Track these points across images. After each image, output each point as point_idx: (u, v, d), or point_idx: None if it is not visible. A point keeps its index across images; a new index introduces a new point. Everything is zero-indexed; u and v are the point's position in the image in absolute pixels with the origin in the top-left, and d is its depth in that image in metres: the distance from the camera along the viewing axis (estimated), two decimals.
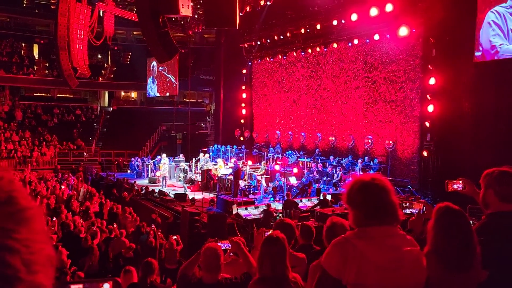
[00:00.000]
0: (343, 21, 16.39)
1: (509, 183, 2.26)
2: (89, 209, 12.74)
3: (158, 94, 32.48)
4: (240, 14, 12.11)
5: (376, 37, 15.86)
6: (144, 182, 18.84)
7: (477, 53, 12.02)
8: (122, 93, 37.15)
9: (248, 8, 18.21)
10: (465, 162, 11.83)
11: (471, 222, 2.20)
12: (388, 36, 15.57)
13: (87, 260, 8.61)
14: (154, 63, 30.83)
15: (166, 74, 31.20)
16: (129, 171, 22.48)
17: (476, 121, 12.62)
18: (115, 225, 10.70)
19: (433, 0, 13.18)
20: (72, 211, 12.48)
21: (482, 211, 2.70)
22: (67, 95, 33.79)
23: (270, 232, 2.98)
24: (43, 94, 33.39)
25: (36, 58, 33.74)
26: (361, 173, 13.88)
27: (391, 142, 15.58)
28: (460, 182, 2.97)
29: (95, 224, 10.53)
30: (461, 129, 12.91)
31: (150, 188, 16.33)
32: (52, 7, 31.16)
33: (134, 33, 34.84)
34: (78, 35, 20.03)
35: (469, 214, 3.52)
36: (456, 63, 13.01)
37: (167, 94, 32.02)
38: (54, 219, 11.06)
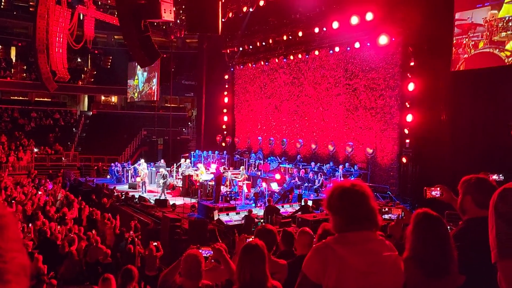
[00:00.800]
0: (324, 29, 16.60)
1: (486, 190, 2.31)
2: (66, 215, 12.49)
3: (141, 94, 32.23)
4: (223, 20, 12.13)
5: (357, 45, 16.11)
6: (124, 187, 18.59)
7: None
8: (103, 98, 36.69)
9: (230, 14, 18.28)
10: (443, 169, 12.07)
11: (448, 228, 2.25)
12: (368, 44, 15.83)
13: (64, 266, 8.43)
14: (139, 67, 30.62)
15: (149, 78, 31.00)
16: (108, 177, 22.15)
17: (453, 128, 12.91)
18: (93, 232, 10.52)
19: (411, 10, 13.46)
20: (49, 218, 12.21)
21: (460, 217, 2.76)
22: (45, 99, 33.16)
23: (250, 239, 2.97)
24: (21, 98, 32.70)
25: (14, 61, 33.04)
26: (342, 179, 14.01)
27: (371, 148, 15.79)
28: (438, 189, 3.03)
29: (73, 230, 10.33)
30: (439, 136, 13.18)
31: (130, 194, 16.11)
32: (31, 9, 30.65)
33: (115, 37, 34.52)
34: (57, 38, 19.71)
35: (447, 220, 3.59)
36: (434, 71, 13.31)
37: (144, 92, 31.82)
38: (30, 225, 10.80)
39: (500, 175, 4.03)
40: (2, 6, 33.77)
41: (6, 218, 0.67)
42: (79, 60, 34.88)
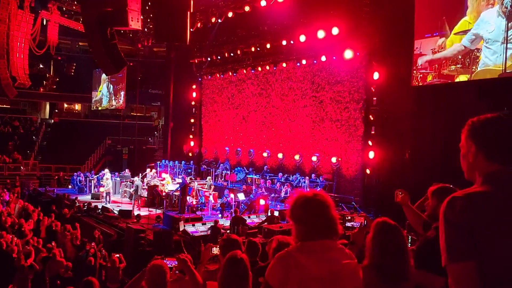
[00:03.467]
0: (292, 42, 16.91)
1: None
2: (22, 226, 11.98)
3: (108, 106, 31.58)
4: (191, 30, 12.13)
5: (323, 58, 16.49)
6: (86, 198, 18.04)
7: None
8: (65, 105, 35.66)
9: (199, 25, 18.30)
10: (404, 179, 12.44)
11: (409, 237, 2.34)
12: (334, 58, 16.24)
13: (16, 280, 8.05)
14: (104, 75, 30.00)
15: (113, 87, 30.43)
16: (70, 187, 21.45)
17: (414, 142, 13.36)
18: (53, 244, 10.13)
19: (375, 26, 13.96)
20: (5, 229, 11.67)
21: (414, 226, 2.89)
22: (4, 106, 31.89)
23: (216, 251, 2.96)
24: None
25: None
26: (308, 189, 14.18)
27: (336, 160, 16.10)
28: (400, 193, 3.20)
29: (30, 242, 9.92)
30: (401, 148, 13.62)
31: (93, 204, 15.66)
32: None
33: (80, 43, 33.77)
34: (18, 43, 19.05)
35: (407, 229, 3.75)
36: (396, 86, 13.79)
37: (114, 107, 31.21)
38: None
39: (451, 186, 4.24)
40: None
41: None
42: (41, 66, 33.82)
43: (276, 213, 12.54)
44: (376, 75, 14.38)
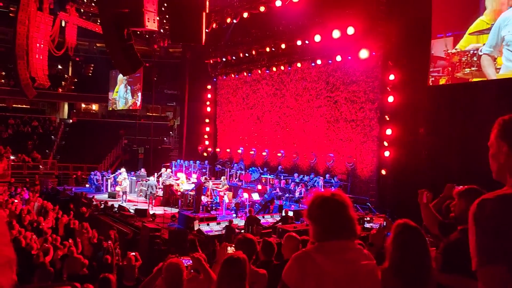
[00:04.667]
0: (306, 42, 16.85)
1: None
2: (40, 224, 12.21)
3: (124, 107, 31.95)
4: (207, 30, 12.19)
5: (338, 58, 16.39)
6: (103, 196, 18.30)
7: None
8: (83, 105, 36.19)
9: (214, 25, 18.38)
10: (421, 180, 12.28)
11: (427, 239, 2.31)
12: (349, 57, 16.13)
13: (36, 277, 8.21)
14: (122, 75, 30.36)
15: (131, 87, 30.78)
16: (87, 186, 21.77)
17: (431, 141, 13.19)
18: (70, 241, 10.30)
19: (391, 25, 13.83)
20: (24, 227, 11.91)
21: (429, 228, 2.85)
22: (24, 106, 32.51)
23: (231, 251, 2.98)
24: None
25: None
26: (323, 189, 14.12)
27: (351, 160, 15.99)
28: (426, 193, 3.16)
29: (48, 240, 10.10)
30: (417, 149, 13.47)
31: (110, 203, 15.87)
32: (11, 15, 30.13)
33: (97, 44, 34.20)
34: (38, 45, 19.43)
35: (425, 231, 3.70)
36: (413, 85, 13.64)
37: (130, 107, 31.57)
38: None
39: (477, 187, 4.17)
40: None
41: None
42: (60, 67, 34.39)
43: (290, 213, 12.52)
44: (392, 75, 14.25)
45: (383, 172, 14.66)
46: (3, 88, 30.19)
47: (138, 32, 20.83)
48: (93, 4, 23.17)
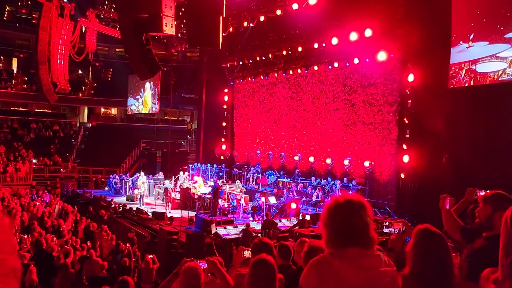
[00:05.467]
0: (323, 44, 16.77)
1: None
2: (61, 226, 12.41)
3: (144, 111, 32.23)
4: (223, 34, 12.25)
5: (356, 60, 16.25)
6: (122, 199, 18.53)
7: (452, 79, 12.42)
8: (102, 110, 36.79)
9: (231, 29, 18.47)
10: (441, 184, 12.07)
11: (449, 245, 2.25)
12: (367, 60, 15.98)
13: (58, 279, 8.34)
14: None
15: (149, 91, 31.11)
16: (106, 189, 22.08)
17: (452, 146, 12.94)
18: (89, 244, 10.45)
19: (410, 26, 13.64)
20: (45, 229, 12.14)
21: (450, 233, 2.76)
22: (45, 110, 33.25)
23: (248, 254, 2.97)
24: (21, 109, 32.77)
25: (15, 72, 33.20)
26: (340, 193, 13.98)
27: (369, 164, 15.81)
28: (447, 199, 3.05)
29: (69, 242, 10.26)
30: (437, 152, 13.23)
31: (128, 206, 16.05)
32: (33, 21, 30.90)
33: (116, 49, 34.78)
34: (59, 50, 19.84)
35: (446, 236, 3.60)
36: (432, 88, 13.41)
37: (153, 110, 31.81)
38: (26, 236, 10.73)
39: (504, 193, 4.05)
40: (5, 18, 34.07)
41: None
42: (80, 72, 35.08)
43: (307, 217, 12.43)
44: (411, 77, 14.05)
45: (402, 175, 14.45)
46: (26, 93, 30.94)
47: (156, 37, 21.07)
48: (112, 10, 23.58)
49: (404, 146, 14.31)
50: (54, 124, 31.61)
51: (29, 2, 34.33)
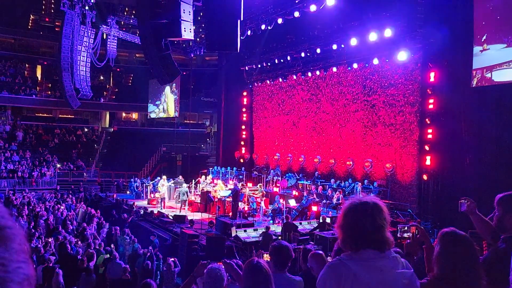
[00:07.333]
0: (342, 46, 16.66)
1: None
2: (85, 230, 12.66)
3: (164, 115, 32.66)
4: (241, 38, 12.31)
5: (375, 61, 16.08)
6: (143, 203, 18.77)
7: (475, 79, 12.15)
8: (123, 114, 37.39)
9: (249, 32, 18.53)
10: (465, 186, 11.81)
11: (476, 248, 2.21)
12: (387, 60, 15.79)
13: (82, 282, 8.51)
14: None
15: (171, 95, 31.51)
16: (128, 192, 22.41)
17: (476, 147, 12.63)
18: (112, 247, 10.61)
19: (431, 26, 13.42)
20: (70, 232, 12.40)
21: (483, 236, 2.69)
22: (69, 116, 34.01)
23: (267, 258, 2.96)
24: (45, 115, 33.60)
25: (39, 79, 34.09)
26: (360, 196, 13.82)
27: (390, 165, 15.59)
28: (465, 201, 2.94)
29: (92, 245, 10.45)
30: (461, 153, 12.94)
31: (149, 209, 16.24)
32: (56, 29, 31.72)
33: (137, 55, 35.33)
34: (81, 57, 20.31)
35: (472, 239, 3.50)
36: (454, 87, 13.15)
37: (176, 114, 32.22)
38: (50, 239, 10.98)
39: None
40: (29, 27, 35.06)
41: (12, 230, 0.69)
42: (101, 77, 35.78)
43: (328, 220, 12.34)
44: (432, 77, 13.81)
45: (425, 177, 14.20)
46: (50, 99, 31.72)
47: (175, 42, 21.34)
48: (132, 16, 23.99)
49: (426, 147, 14.07)
50: (77, 129, 32.30)
51: (52, 11, 35.26)
